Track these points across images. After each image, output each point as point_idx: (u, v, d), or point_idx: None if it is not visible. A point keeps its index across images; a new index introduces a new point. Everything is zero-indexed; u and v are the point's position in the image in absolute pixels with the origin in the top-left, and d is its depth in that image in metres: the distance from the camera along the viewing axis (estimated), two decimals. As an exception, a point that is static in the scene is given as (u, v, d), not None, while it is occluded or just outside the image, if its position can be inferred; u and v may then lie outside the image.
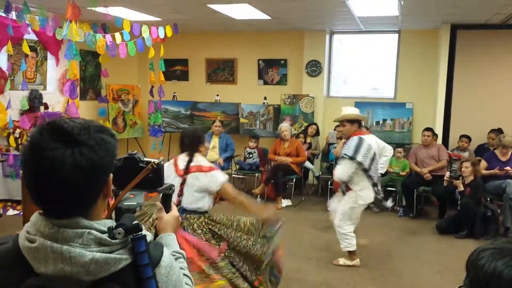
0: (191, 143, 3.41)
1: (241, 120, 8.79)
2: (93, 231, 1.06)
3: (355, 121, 4.59)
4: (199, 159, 3.36)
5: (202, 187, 3.26)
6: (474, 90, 7.43)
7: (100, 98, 8.43)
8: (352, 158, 4.36)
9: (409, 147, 7.67)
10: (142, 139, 9.29)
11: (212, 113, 9.00)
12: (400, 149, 7.16)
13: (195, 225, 3.18)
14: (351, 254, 4.72)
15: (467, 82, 7.46)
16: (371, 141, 4.57)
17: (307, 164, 7.62)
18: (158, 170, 1.44)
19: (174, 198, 2.62)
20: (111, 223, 1.12)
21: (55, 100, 7.43)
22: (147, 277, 1.10)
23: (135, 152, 1.46)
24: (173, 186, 1.57)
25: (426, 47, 8.02)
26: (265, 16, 7.02)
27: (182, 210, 3.19)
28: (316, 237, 5.66)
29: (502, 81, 7.32)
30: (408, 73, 8.21)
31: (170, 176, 3.25)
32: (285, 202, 7.15)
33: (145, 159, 1.44)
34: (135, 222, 1.12)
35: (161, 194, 1.54)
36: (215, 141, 7.68)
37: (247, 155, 7.85)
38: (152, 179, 1.44)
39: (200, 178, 3.27)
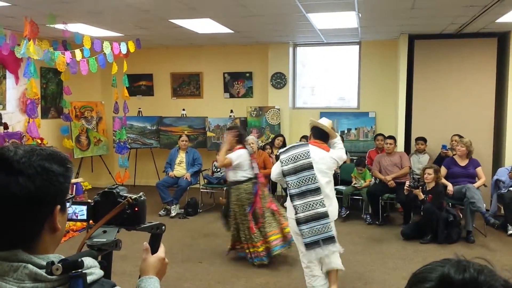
0: None
1: (208, 133, 8.78)
2: (29, 266, 1.00)
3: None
4: None
5: None
6: (433, 97, 7.65)
7: (64, 116, 8.26)
8: None
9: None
10: (107, 156, 9.14)
11: (179, 128, 8.96)
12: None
13: None
14: None
15: (426, 90, 7.69)
16: None
17: (275, 175, 7.63)
18: (136, 206, 1.37)
19: None
20: (56, 257, 1.05)
21: (15, 119, 7.23)
22: None
23: (115, 186, 1.40)
24: (163, 225, 1.46)
25: (386, 57, 8.25)
26: (228, 30, 7.06)
27: None
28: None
29: (458, 88, 7.57)
30: (370, 83, 8.41)
31: None
32: (254, 215, 7.13)
33: (125, 194, 1.38)
34: (80, 259, 1.05)
35: (150, 234, 1.45)
36: (182, 156, 7.62)
37: (215, 169, 7.82)
38: (130, 216, 1.36)
39: None
